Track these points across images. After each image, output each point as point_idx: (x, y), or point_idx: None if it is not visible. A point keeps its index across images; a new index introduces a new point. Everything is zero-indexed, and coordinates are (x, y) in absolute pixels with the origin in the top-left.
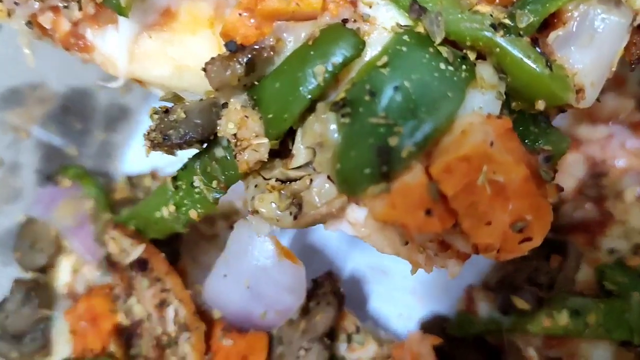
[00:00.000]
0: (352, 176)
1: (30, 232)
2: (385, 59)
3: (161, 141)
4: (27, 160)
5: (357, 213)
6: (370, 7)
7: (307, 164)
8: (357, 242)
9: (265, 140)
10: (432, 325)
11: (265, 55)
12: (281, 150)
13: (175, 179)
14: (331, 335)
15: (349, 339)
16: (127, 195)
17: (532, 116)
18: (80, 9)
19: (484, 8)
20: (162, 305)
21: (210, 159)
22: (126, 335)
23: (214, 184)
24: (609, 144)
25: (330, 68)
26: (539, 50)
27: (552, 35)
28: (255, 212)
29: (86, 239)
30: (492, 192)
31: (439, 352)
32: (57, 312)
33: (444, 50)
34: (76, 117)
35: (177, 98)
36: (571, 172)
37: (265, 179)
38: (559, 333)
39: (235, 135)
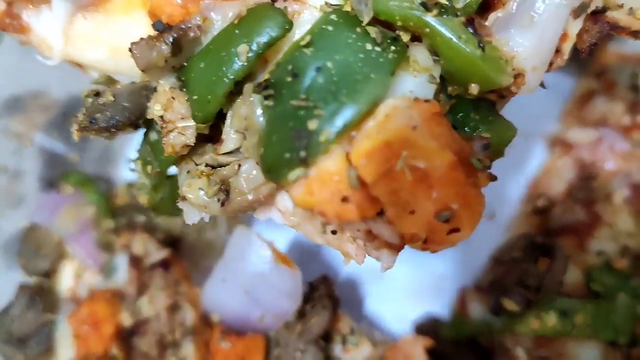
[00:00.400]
0: (274, 161)
1: (34, 238)
2: (308, 38)
3: (88, 124)
4: (30, 166)
5: (286, 201)
6: None
7: (237, 149)
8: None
9: (191, 122)
10: (425, 327)
11: (192, 35)
12: (212, 134)
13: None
14: (326, 337)
15: (344, 341)
16: (127, 201)
17: (474, 102)
18: None
19: None
20: (173, 307)
21: (146, 143)
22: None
23: (149, 169)
24: (599, 147)
25: (254, 47)
26: (471, 31)
27: (492, 17)
28: (184, 198)
29: (88, 244)
30: (415, 179)
31: (431, 354)
32: (60, 316)
33: (373, 31)
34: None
35: (110, 81)
36: (561, 175)
37: (196, 164)
38: (548, 333)
39: (162, 117)
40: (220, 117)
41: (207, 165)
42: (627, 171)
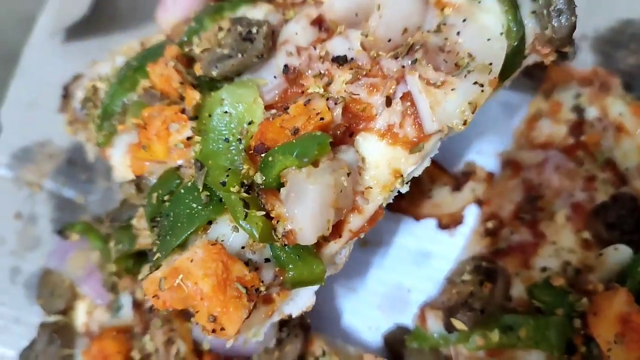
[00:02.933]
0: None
1: (49, 282)
2: (167, 197)
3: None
4: (43, 211)
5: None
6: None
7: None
8: (327, 266)
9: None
10: (394, 338)
11: (144, 181)
12: None
13: None
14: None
15: None
16: None
17: (283, 246)
18: None
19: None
20: (168, 342)
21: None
22: None
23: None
24: (545, 168)
25: (161, 196)
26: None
27: (283, 192)
28: None
29: (95, 285)
30: (192, 292)
31: None
32: (77, 350)
33: (202, 195)
34: (81, 168)
35: None
36: (510, 197)
37: None
38: (494, 347)
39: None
40: None
41: None
42: (570, 190)
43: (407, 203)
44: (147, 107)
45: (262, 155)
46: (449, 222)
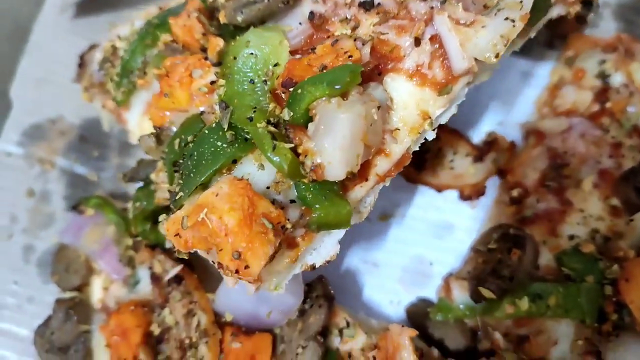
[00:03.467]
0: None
1: (64, 258)
2: (191, 138)
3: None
4: (55, 188)
5: None
6: None
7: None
8: (349, 240)
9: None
10: (417, 311)
11: (165, 132)
12: None
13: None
14: (325, 331)
15: (341, 333)
16: None
17: (313, 184)
18: None
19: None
20: (188, 314)
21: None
22: (155, 341)
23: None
24: (570, 135)
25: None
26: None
27: (311, 127)
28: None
29: (112, 260)
30: (214, 228)
31: (422, 334)
32: (94, 326)
33: (228, 134)
34: (93, 145)
35: None
36: (534, 165)
37: None
38: (523, 315)
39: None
40: None
41: None
42: (596, 157)
43: (428, 174)
44: (170, 58)
45: (290, 90)
46: (471, 193)
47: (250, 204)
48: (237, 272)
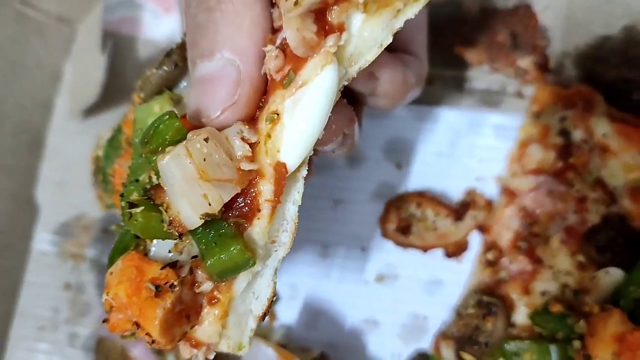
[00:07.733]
0: None
1: (104, 349)
2: None
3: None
4: (88, 279)
5: None
6: None
7: None
8: (353, 302)
9: None
10: None
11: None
12: None
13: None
14: None
15: None
16: None
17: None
18: None
19: None
20: None
21: None
22: None
23: None
24: (538, 194)
25: None
26: None
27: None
28: None
29: (144, 349)
30: (118, 305)
31: None
32: None
33: None
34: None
35: None
36: (508, 224)
37: None
38: None
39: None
40: None
41: None
42: (563, 214)
43: (414, 238)
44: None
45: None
46: (455, 250)
47: (138, 272)
48: (153, 342)
